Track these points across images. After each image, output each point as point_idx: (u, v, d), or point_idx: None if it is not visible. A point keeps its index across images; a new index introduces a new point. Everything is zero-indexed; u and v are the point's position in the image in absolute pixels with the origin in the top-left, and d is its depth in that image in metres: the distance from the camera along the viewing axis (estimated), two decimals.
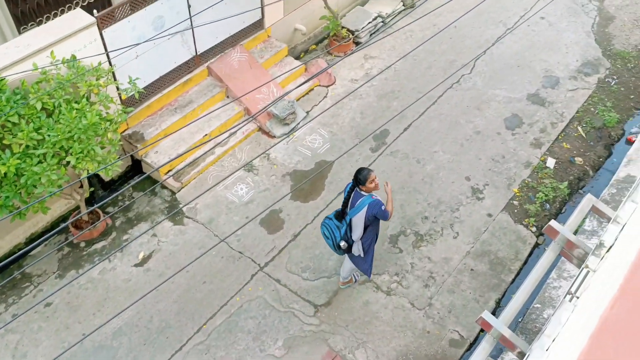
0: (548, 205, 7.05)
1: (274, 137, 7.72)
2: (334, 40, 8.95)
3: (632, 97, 8.41)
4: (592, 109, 8.20)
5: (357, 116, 8.09)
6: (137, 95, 5.95)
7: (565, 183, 7.27)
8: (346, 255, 5.71)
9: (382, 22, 9.50)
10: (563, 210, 7.17)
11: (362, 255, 5.51)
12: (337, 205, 6.91)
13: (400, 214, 6.89)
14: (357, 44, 9.19)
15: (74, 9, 6.34)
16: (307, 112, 8.09)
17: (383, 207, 5.14)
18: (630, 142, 7.71)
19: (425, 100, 8.06)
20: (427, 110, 8.14)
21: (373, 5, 9.64)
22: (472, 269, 6.37)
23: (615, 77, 8.66)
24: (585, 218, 6.33)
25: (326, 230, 5.47)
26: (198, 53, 7.42)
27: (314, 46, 9.28)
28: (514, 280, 6.35)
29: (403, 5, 9.77)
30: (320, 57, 8.85)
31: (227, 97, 7.74)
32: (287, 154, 7.57)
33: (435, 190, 7.16)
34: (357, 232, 5.31)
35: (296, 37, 8.94)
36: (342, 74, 8.70)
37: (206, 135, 7.31)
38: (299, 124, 7.88)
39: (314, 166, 7.45)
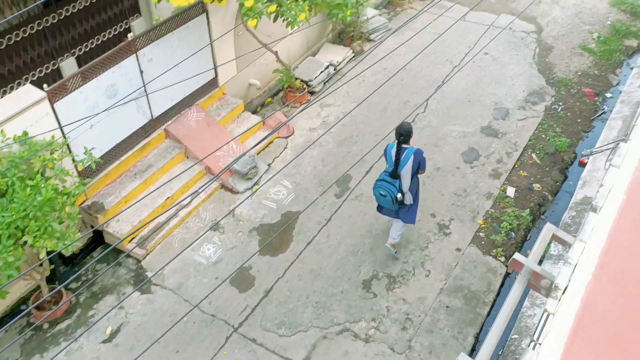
0: (513, 234, 7.17)
1: (238, 192, 7.69)
2: (288, 91, 9.10)
3: (578, 120, 8.77)
4: (543, 136, 8.49)
5: (319, 164, 8.15)
6: (94, 166, 5.87)
7: (527, 210, 7.43)
8: (393, 221, 6.56)
9: (334, 70, 9.73)
10: (528, 237, 7.29)
11: (412, 202, 6.34)
12: (308, 255, 6.89)
13: (370, 257, 6.88)
14: (311, 93, 9.36)
15: (24, 84, 6.29)
16: (269, 165, 8.12)
17: (424, 154, 6.15)
18: (583, 164, 7.98)
19: (384, 142, 8.20)
20: None
21: (324, 55, 9.89)
22: (447, 306, 6.36)
23: (561, 104, 9.04)
24: (549, 244, 6.45)
25: (382, 190, 6.17)
26: (154, 117, 7.41)
27: (269, 99, 9.40)
28: (489, 312, 6.36)
29: (353, 52, 10.05)
30: (277, 110, 8.96)
31: (187, 157, 7.72)
32: (252, 208, 7.53)
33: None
34: (407, 182, 6.17)
35: (251, 92, 9.06)
36: (300, 124, 8.80)
37: (168, 198, 7.22)
38: (261, 177, 7.89)
39: (281, 218, 7.42)
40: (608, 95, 9.31)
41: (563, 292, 1.66)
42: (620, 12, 11.10)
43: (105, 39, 7.45)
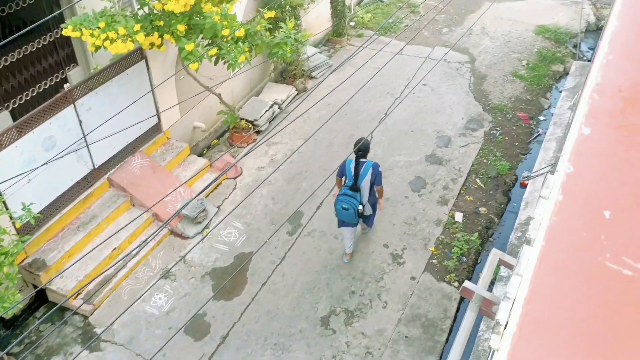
0: (464, 258, 7.31)
1: (188, 237, 7.53)
2: (234, 132, 9.09)
3: (516, 144, 9.14)
4: (485, 161, 8.78)
5: (269, 202, 8.12)
6: (33, 222, 5.63)
7: (476, 234, 7.61)
8: (345, 228, 6.92)
9: (279, 108, 9.81)
10: (479, 261, 7.45)
11: (371, 212, 6.88)
12: (264, 296, 6.77)
13: (327, 293, 6.83)
14: (257, 132, 9.38)
15: None
16: (218, 207, 8.01)
17: (380, 169, 6.58)
18: (524, 186, 8.29)
19: (333, 176, 8.26)
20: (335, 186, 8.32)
21: (267, 94, 9.97)
22: (406, 336, 6.37)
23: (498, 129, 9.41)
24: (498, 267, 6.60)
25: (344, 203, 6.50)
26: (96, 166, 7.22)
27: (215, 141, 9.35)
28: (447, 338, 6.41)
29: (296, 90, 10.19)
30: (224, 151, 8.91)
31: (133, 205, 7.52)
32: (203, 253, 7.38)
33: (357, 263, 7.21)
34: (366, 194, 6.59)
35: (197, 135, 8.99)
36: (248, 164, 8.78)
37: (115, 249, 6.98)
38: (211, 220, 7.77)
39: (234, 260, 7.29)
40: (541, 118, 9.78)
41: (505, 328, 1.68)
42: (545, 39, 11.78)
43: (41, 90, 7.25)
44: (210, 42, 6.89)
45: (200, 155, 8.93)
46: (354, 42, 11.76)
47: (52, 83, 7.41)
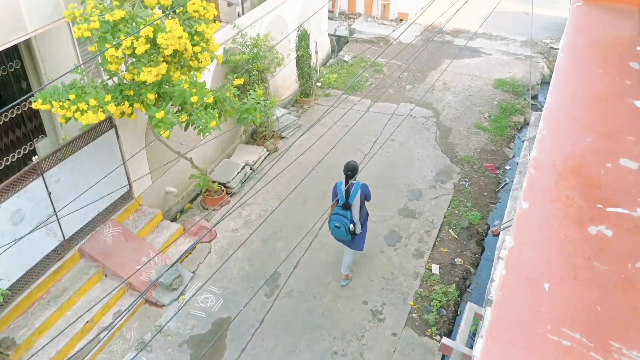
0: (444, 311, 7.29)
1: (163, 305, 7.33)
2: (207, 195, 9.07)
3: (485, 194, 9.35)
4: (457, 212, 8.94)
5: (245, 265, 8.02)
6: (1, 299, 5.42)
7: (453, 285, 7.63)
8: (345, 249, 7.37)
9: (251, 169, 9.87)
10: (458, 312, 7.43)
11: (361, 231, 7.18)
12: None
13: (308, 355, 6.69)
14: (230, 194, 9.38)
15: None
16: (194, 272, 7.87)
17: (369, 189, 7.09)
18: (496, 235, 8.43)
19: (308, 235, 8.27)
20: (312, 244, 8.32)
21: (239, 156, 10.04)
22: None
23: (467, 180, 9.64)
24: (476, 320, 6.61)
25: (336, 222, 6.95)
26: (66, 237, 7.06)
27: (188, 205, 9.29)
28: None
29: (267, 150, 10.30)
30: (197, 215, 8.85)
31: (106, 275, 7.33)
32: (180, 320, 7.18)
33: (337, 322, 7.11)
34: (356, 213, 7.00)
35: (169, 200, 8.93)
36: (222, 226, 8.71)
37: (88, 322, 6.74)
38: (187, 286, 7.60)
39: (211, 327, 7.11)
40: (507, 167, 10.07)
41: None
42: (504, 92, 12.31)
43: (8, 162, 7.17)
44: (180, 108, 6.97)
45: (174, 220, 8.84)
46: (322, 102, 12.05)
47: (20, 155, 7.34)
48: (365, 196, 7.06)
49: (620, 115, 2.51)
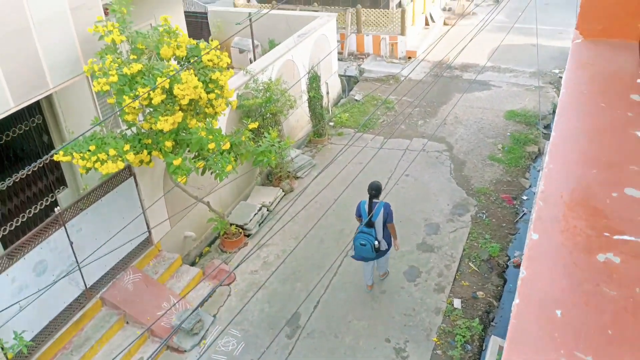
0: (469, 346, 7.16)
1: (185, 351, 7.31)
2: (225, 238, 9.14)
3: (503, 225, 9.29)
4: (476, 244, 8.87)
5: (265, 306, 8.00)
6: (25, 350, 5.49)
7: (477, 319, 7.51)
8: (364, 264, 7.78)
9: (268, 210, 9.96)
10: (483, 347, 7.29)
11: (386, 247, 7.48)
12: None
13: None
14: (248, 236, 9.44)
15: None
16: (214, 316, 7.87)
17: (391, 208, 7.45)
18: (517, 265, 8.33)
19: (327, 273, 8.26)
20: (331, 282, 8.30)
21: (255, 198, 10.15)
22: None
23: (484, 212, 9.60)
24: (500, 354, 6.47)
25: (362, 240, 7.26)
26: (88, 286, 7.15)
27: (207, 248, 9.37)
28: None
29: (283, 191, 10.40)
30: (216, 258, 8.91)
31: (127, 322, 7.36)
32: None
33: None
34: (380, 231, 7.32)
35: (188, 244, 9.02)
36: (241, 268, 8.74)
37: None
38: (207, 330, 7.59)
39: None
40: (524, 197, 10.02)
41: None
42: (516, 123, 12.36)
43: (31, 215, 7.35)
44: (197, 154, 7.14)
45: (193, 264, 8.90)
46: (335, 141, 12.20)
47: (42, 207, 7.53)
48: (387, 214, 7.36)
49: (623, 147, 2.59)
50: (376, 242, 7.30)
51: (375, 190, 7.37)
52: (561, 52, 15.51)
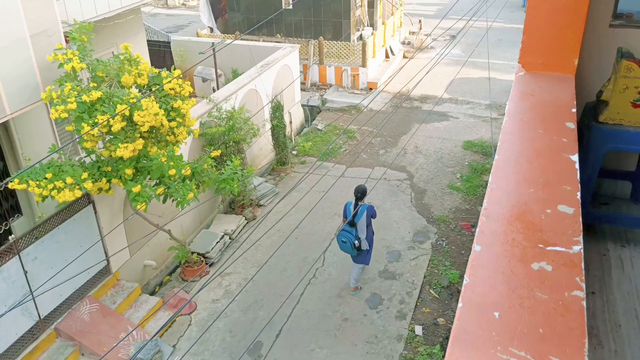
0: None
1: None
2: (186, 267, 9.03)
3: (463, 252, 9.50)
4: (436, 271, 9.02)
5: (227, 336, 7.90)
6: None
7: (438, 346, 7.59)
8: (353, 264, 8.30)
9: (230, 238, 9.91)
10: None
11: (368, 248, 8.07)
12: None
13: None
14: (210, 264, 9.35)
15: None
16: (174, 346, 7.71)
17: (374, 209, 8.06)
18: None
19: (289, 301, 8.24)
20: (293, 311, 8.27)
21: (217, 226, 10.10)
22: None
23: (444, 239, 9.80)
24: None
25: (343, 237, 7.84)
26: (42, 317, 6.92)
27: (167, 277, 9.22)
28: None
29: (245, 219, 10.39)
30: (177, 287, 8.78)
31: (82, 354, 7.14)
32: None
33: None
34: (362, 231, 7.87)
35: (148, 273, 8.86)
36: (202, 297, 8.63)
37: None
38: None
39: None
40: None
41: None
42: (473, 153, 12.75)
43: None
44: (158, 182, 7.10)
45: (152, 293, 8.74)
46: (298, 169, 12.31)
47: None
48: (372, 215, 7.97)
49: (558, 168, 2.85)
50: (356, 242, 7.82)
51: (360, 193, 7.85)
52: None
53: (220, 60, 13.39)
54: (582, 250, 2.28)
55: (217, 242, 9.56)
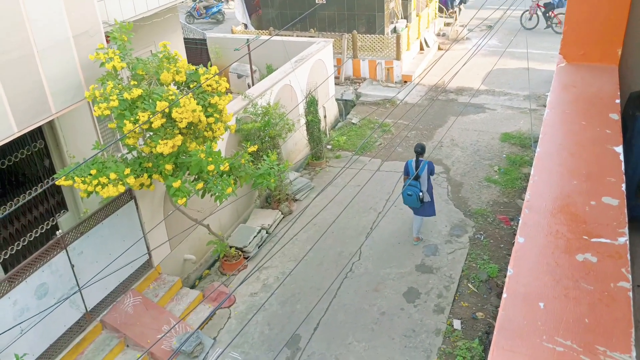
0: None
1: None
2: (225, 261, 9.19)
3: (501, 246, 9.35)
4: (474, 265, 8.92)
5: (265, 329, 8.01)
6: None
7: (476, 340, 7.52)
8: (414, 217, 9.21)
9: (267, 233, 10.03)
10: None
11: (430, 199, 8.90)
12: None
13: None
14: (247, 258, 9.49)
15: None
16: (214, 338, 7.87)
17: (433, 165, 8.96)
18: None
19: (327, 295, 8.29)
20: (330, 304, 8.32)
21: (254, 220, 10.23)
22: None
23: (482, 233, 9.67)
24: None
25: (409, 191, 8.62)
26: (89, 309, 7.18)
27: (207, 271, 9.41)
28: None
29: (282, 214, 10.48)
30: (216, 281, 8.95)
31: (127, 346, 7.37)
32: None
33: None
34: (424, 184, 8.73)
35: (187, 267, 9.06)
36: (241, 291, 8.77)
37: None
38: (208, 353, 7.59)
39: None
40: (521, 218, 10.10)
41: None
42: (511, 145, 12.52)
43: (32, 238, 7.42)
44: (197, 177, 7.25)
45: (193, 287, 8.93)
46: (333, 164, 12.34)
47: (43, 231, 7.60)
48: (431, 171, 8.76)
49: (601, 160, 2.83)
50: (420, 193, 8.65)
51: (420, 148, 8.69)
52: (552, 75, 15.76)
53: (255, 56, 13.51)
54: (627, 242, 2.25)
55: (255, 237, 9.69)
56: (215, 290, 8.55)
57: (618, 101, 3.44)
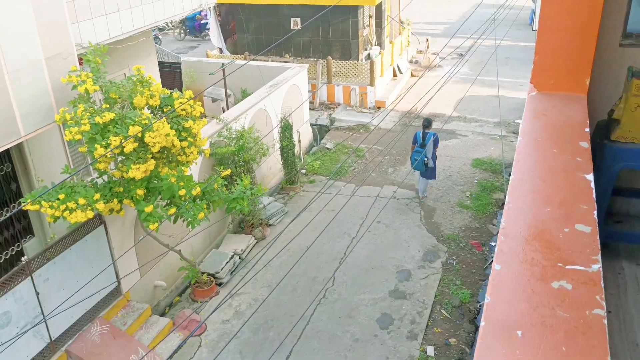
0: None
1: None
2: (196, 287, 9.01)
3: (473, 271, 9.43)
4: (447, 290, 8.95)
5: (237, 357, 7.85)
6: None
7: None
8: (420, 177, 11.33)
9: (240, 258, 9.90)
10: None
11: (432, 165, 11.00)
12: None
13: None
14: (219, 285, 9.33)
15: None
16: None
17: (438, 137, 11.09)
18: None
19: (300, 322, 8.19)
20: (304, 331, 8.22)
21: (227, 245, 10.10)
22: None
23: (454, 258, 9.74)
24: None
25: (416, 156, 10.78)
26: (53, 339, 6.92)
27: (177, 298, 9.20)
28: None
29: (255, 239, 10.38)
30: (187, 308, 8.75)
31: None
32: None
33: None
34: (430, 152, 10.80)
35: (158, 294, 8.85)
36: (212, 318, 8.59)
37: None
38: None
39: None
40: (492, 244, 10.21)
41: None
42: (482, 171, 12.73)
43: None
44: (168, 202, 7.13)
45: (163, 314, 8.71)
46: (307, 188, 12.33)
47: (7, 257, 7.34)
48: (435, 142, 10.81)
49: (573, 188, 2.90)
50: (425, 159, 10.66)
51: (427, 122, 10.95)
52: (522, 103, 16.13)
53: (230, 80, 13.52)
54: (600, 269, 2.30)
55: (227, 262, 9.55)
56: (186, 319, 8.35)
57: (587, 129, 3.55)
